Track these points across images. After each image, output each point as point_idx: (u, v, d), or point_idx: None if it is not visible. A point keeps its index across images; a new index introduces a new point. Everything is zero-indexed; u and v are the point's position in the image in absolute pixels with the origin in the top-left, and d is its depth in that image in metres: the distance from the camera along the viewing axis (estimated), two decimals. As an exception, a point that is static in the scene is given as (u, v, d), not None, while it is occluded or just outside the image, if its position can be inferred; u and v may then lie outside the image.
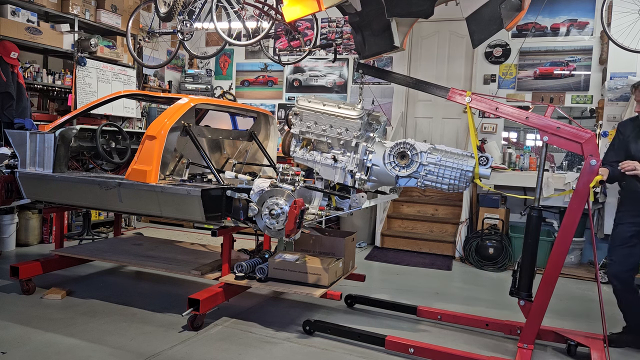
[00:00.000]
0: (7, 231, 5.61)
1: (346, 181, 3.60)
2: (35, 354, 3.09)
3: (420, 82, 3.71)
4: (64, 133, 4.16)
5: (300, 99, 3.69)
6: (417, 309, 4.02)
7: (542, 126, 3.20)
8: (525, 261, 3.30)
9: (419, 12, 3.46)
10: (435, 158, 3.39)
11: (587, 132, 3.12)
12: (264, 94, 8.64)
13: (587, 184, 3.06)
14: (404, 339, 3.35)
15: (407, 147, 3.44)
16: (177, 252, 4.54)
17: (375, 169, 3.54)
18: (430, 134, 7.72)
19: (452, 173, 3.37)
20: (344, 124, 3.51)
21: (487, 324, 3.81)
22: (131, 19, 5.86)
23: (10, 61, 5.33)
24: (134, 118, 7.21)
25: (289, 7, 3.38)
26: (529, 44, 6.95)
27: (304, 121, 3.63)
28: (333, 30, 8.11)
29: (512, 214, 6.75)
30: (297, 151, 3.73)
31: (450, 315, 3.94)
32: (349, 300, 4.29)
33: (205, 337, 3.49)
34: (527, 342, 3.26)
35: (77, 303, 4.05)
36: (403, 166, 3.45)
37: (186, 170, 4.21)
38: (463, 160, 3.37)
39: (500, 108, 3.34)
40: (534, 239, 3.28)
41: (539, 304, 3.22)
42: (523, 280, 3.31)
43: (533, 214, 3.26)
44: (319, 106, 3.58)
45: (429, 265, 6.03)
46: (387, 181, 3.59)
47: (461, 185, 3.39)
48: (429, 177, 3.41)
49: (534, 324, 3.25)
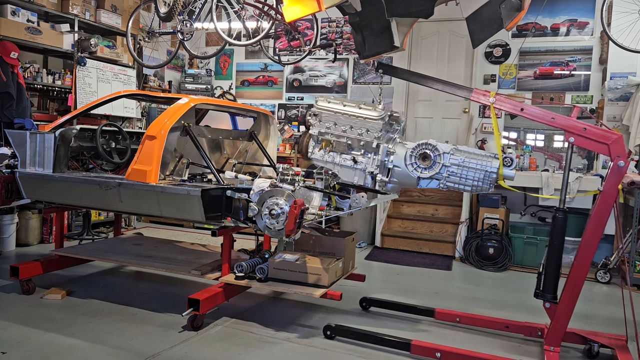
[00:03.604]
0: (7, 231, 5.61)
1: (366, 183, 3.55)
2: (35, 354, 3.09)
3: (441, 82, 3.66)
4: (64, 133, 4.16)
5: (320, 99, 3.62)
6: (435, 311, 3.96)
7: (569, 127, 3.17)
8: (550, 263, 3.25)
9: (419, 12, 3.46)
10: (458, 159, 3.33)
11: (614, 134, 3.09)
12: (264, 94, 8.64)
13: (615, 185, 3.04)
14: (430, 344, 3.28)
15: (429, 148, 3.38)
16: (177, 252, 4.54)
17: (397, 170, 3.48)
18: (431, 134, 7.71)
19: (475, 174, 3.31)
20: (365, 125, 3.46)
21: (506, 325, 3.75)
22: (131, 19, 5.87)
23: (10, 61, 5.33)
24: (134, 118, 7.20)
25: (289, 7, 3.38)
26: (529, 44, 6.96)
27: (323, 122, 3.57)
28: (333, 30, 8.11)
29: (512, 214, 6.76)
30: (316, 152, 3.65)
31: (468, 317, 3.89)
32: (364, 303, 4.22)
33: (205, 337, 3.49)
34: (553, 344, 3.23)
35: (77, 303, 4.05)
36: (425, 167, 3.39)
37: (186, 170, 4.21)
38: (487, 161, 3.31)
39: (526, 109, 3.29)
40: (560, 240, 3.23)
41: (565, 306, 3.18)
42: (548, 282, 3.27)
43: (558, 216, 3.22)
44: (339, 107, 3.53)
45: (429, 265, 6.03)
46: (408, 182, 3.52)
47: (485, 187, 3.33)
48: (452, 178, 3.36)
49: (560, 326, 3.21)
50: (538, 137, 7.00)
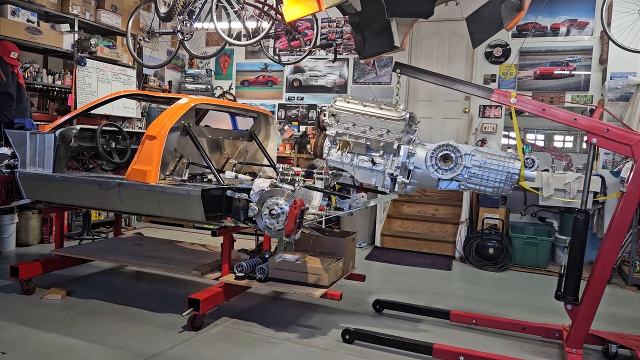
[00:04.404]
0: (7, 231, 5.61)
1: (385, 185, 3.49)
2: (35, 354, 3.09)
3: (461, 82, 3.63)
4: (64, 133, 4.16)
5: (338, 99, 3.54)
6: (450, 313, 3.92)
7: (591, 128, 3.15)
8: (572, 264, 3.23)
9: (419, 12, 3.46)
10: (479, 160, 3.30)
11: (637, 134, 3.07)
12: (264, 94, 8.64)
13: (639, 186, 3.03)
14: (452, 347, 3.24)
15: (450, 149, 3.34)
16: (177, 252, 4.54)
17: (417, 171, 3.42)
18: (430, 134, 7.71)
19: (497, 176, 3.27)
20: (386, 126, 3.40)
21: (523, 327, 3.72)
22: (131, 19, 5.86)
23: (10, 61, 5.33)
24: (134, 118, 7.20)
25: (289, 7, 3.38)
26: (529, 44, 6.96)
27: (341, 122, 3.49)
28: (333, 30, 8.11)
29: (512, 214, 6.76)
30: (332, 153, 3.57)
31: (485, 319, 3.86)
32: (377, 306, 4.18)
33: (205, 337, 3.49)
34: (575, 346, 3.21)
35: (77, 303, 4.05)
36: (446, 169, 3.35)
37: (186, 170, 4.21)
38: (508, 163, 3.27)
39: (548, 109, 3.27)
40: (582, 242, 3.21)
41: (587, 307, 3.16)
42: (569, 283, 3.24)
43: (580, 217, 3.20)
44: (359, 107, 3.45)
45: (429, 265, 6.02)
46: (428, 184, 3.47)
47: (506, 188, 3.29)
48: (473, 180, 3.32)
49: (582, 328, 3.19)
50: (539, 137, 7.01)
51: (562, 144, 6.91)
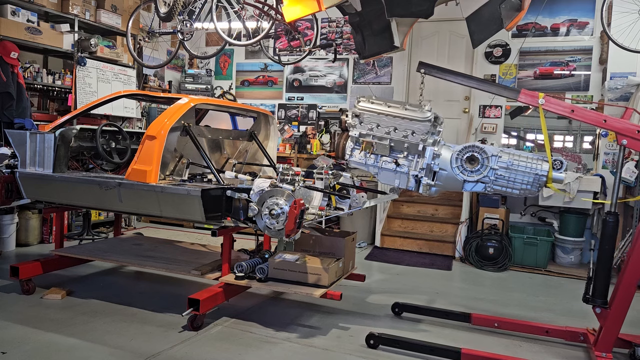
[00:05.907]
0: (7, 231, 5.61)
1: (409, 186, 3.45)
2: (35, 354, 3.09)
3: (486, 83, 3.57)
4: (64, 133, 4.16)
5: (361, 99, 3.49)
6: (471, 316, 3.87)
7: (621, 129, 3.13)
8: (600, 267, 3.19)
9: (419, 12, 3.46)
10: (506, 162, 3.24)
11: None
12: (264, 94, 8.64)
13: None
14: (480, 352, 3.18)
15: (476, 150, 3.29)
16: (177, 252, 4.54)
17: (442, 173, 3.37)
18: (430, 134, 7.71)
19: (524, 177, 3.22)
20: (411, 126, 3.34)
21: (547, 330, 3.68)
22: (131, 19, 5.86)
23: (10, 61, 5.33)
24: (134, 118, 7.20)
25: (289, 7, 3.38)
26: (529, 44, 6.96)
27: (365, 123, 3.45)
28: (333, 30, 8.11)
29: (512, 214, 6.76)
30: (355, 155, 3.53)
31: (507, 322, 3.80)
32: (396, 309, 4.13)
33: (205, 337, 3.49)
34: (604, 350, 3.17)
35: (77, 303, 4.05)
36: (472, 170, 3.30)
37: (186, 170, 4.21)
38: (536, 164, 3.22)
39: (577, 110, 3.23)
40: (611, 244, 3.18)
41: (617, 311, 3.13)
42: (598, 286, 3.20)
43: (609, 219, 3.17)
44: (383, 107, 3.40)
45: (429, 265, 6.02)
46: (453, 186, 3.42)
47: (533, 190, 3.24)
48: (499, 182, 3.27)
49: (612, 332, 3.16)
50: (539, 137, 7.00)
51: (562, 144, 6.90)
